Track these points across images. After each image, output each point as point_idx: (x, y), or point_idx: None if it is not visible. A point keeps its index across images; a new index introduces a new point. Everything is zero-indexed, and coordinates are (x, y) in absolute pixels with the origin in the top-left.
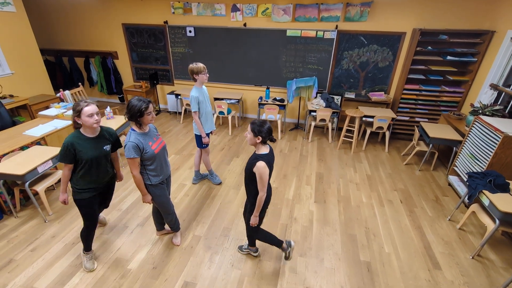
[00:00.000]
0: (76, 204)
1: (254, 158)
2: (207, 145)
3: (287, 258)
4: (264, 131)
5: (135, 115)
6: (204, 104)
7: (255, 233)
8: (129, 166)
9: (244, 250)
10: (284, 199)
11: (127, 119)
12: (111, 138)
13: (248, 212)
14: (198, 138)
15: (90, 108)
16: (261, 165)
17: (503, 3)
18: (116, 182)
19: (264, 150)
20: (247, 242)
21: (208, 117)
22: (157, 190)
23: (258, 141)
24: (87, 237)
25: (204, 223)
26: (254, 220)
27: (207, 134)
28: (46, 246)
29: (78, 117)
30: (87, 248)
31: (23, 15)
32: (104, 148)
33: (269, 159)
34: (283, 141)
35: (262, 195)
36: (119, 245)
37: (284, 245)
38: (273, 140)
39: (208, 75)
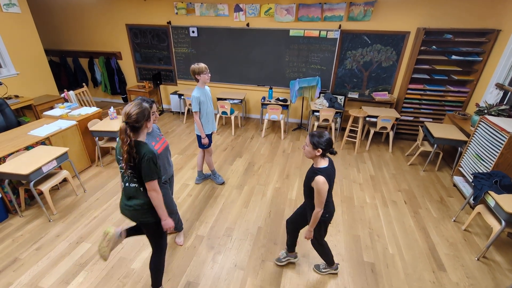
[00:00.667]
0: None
1: (313, 172)
2: (209, 145)
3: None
4: (323, 143)
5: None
6: (206, 105)
7: (319, 246)
8: None
9: (323, 271)
10: (287, 199)
11: None
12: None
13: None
14: (199, 138)
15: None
16: (320, 181)
17: (509, 2)
18: None
19: (323, 163)
20: (323, 262)
21: (209, 117)
22: (161, 189)
23: (318, 154)
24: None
25: (207, 223)
26: (308, 234)
27: (209, 135)
28: (50, 245)
29: (148, 121)
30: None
31: (28, 16)
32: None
33: (329, 172)
34: (286, 141)
35: (318, 211)
36: (122, 244)
37: (334, 265)
38: (333, 153)
39: (210, 75)
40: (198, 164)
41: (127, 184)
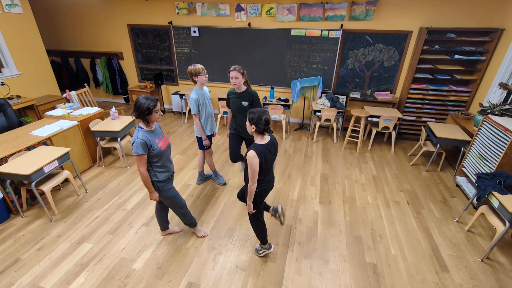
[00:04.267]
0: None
1: (250, 147)
2: (209, 147)
3: (281, 223)
4: (257, 120)
5: (144, 113)
6: (205, 106)
7: (255, 223)
8: (137, 163)
9: (260, 252)
10: (288, 199)
11: (134, 117)
12: None
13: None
14: (200, 140)
15: (232, 73)
16: (250, 155)
17: None
18: None
19: (260, 140)
20: (259, 243)
21: (209, 119)
22: (166, 184)
23: (253, 130)
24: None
25: (208, 223)
26: (248, 208)
27: (209, 136)
28: (52, 245)
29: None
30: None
31: (30, 16)
32: None
33: (261, 149)
34: (288, 141)
35: (250, 185)
36: (123, 244)
37: (267, 245)
38: (269, 131)
39: (207, 75)
40: (198, 165)
41: None
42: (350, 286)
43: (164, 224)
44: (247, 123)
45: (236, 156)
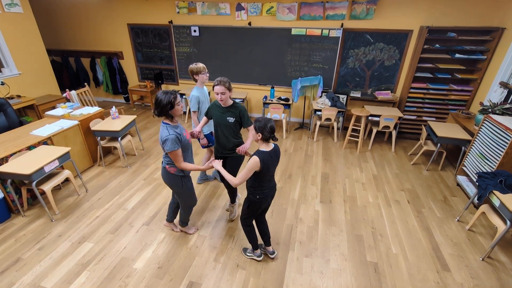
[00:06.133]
0: None
1: (254, 152)
2: (208, 145)
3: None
4: (263, 128)
5: (166, 108)
6: (205, 105)
7: (246, 227)
8: (175, 159)
9: (247, 253)
10: (289, 199)
11: (156, 116)
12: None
13: (244, 203)
14: (207, 136)
15: (216, 88)
16: (253, 160)
17: None
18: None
19: (264, 147)
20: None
21: None
22: (188, 182)
23: (258, 138)
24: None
25: (209, 223)
26: (218, 171)
27: (208, 135)
28: (53, 245)
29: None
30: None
31: (30, 16)
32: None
33: (266, 157)
34: (288, 140)
35: (235, 183)
36: (124, 244)
37: (258, 252)
38: (274, 139)
39: (208, 75)
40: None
41: None
42: (351, 285)
43: (172, 216)
44: (253, 132)
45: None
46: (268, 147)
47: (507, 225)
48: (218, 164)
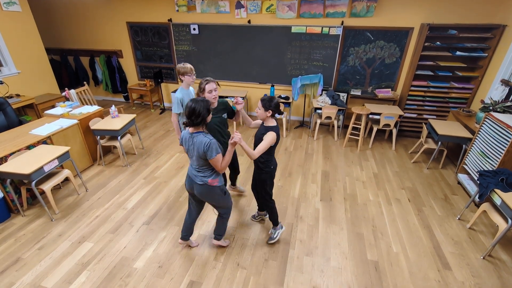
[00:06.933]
0: None
1: (265, 129)
2: None
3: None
4: (273, 105)
5: (205, 116)
6: None
7: (269, 204)
8: (217, 164)
9: (274, 236)
10: (289, 197)
11: (192, 126)
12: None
13: (258, 182)
14: None
15: (210, 85)
16: (272, 135)
17: None
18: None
19: (272, 123)
20: (271, 231)
21: None
22: (225, 188)
23: (268, 115)
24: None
25: (209, 222)
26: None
27: None
28: (53, 244)
29: (202, 93)
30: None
31: (28, 14)
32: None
33: (277, 130)
34: (288, 139)
35: (254, 156)
36: (124, 243)
37: (279, 225)
38: (280, 113)
39: (195, 77)
40: None
41: None
42: (351, 284)
43: (189, 234)
44: (261, 111)
45: None
46: (274, 122)
47: (508, 224)
48: (239, 137)
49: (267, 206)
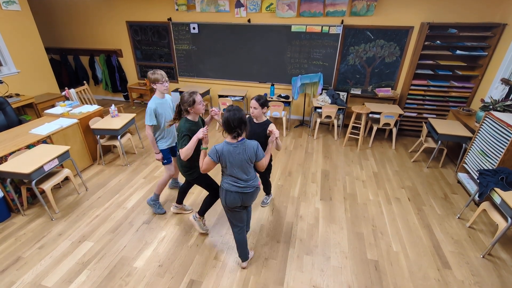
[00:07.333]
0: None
1: (265, 124)
2: (168, 162)
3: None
4: (266, 101)
5: (245, 122)
6: (164, 117)
7: (268, 178)
8: (265, 162)
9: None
10: (289, 196)
11: (231, 134)
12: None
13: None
14: (164, 152)
15: (199, 97)
16: (274, 125)
17: None
18: None
19: (265, 117)
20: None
21: (170, 131)
22: None
23: (264, 111)
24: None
25: (209, 221)
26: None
27: (166, 150)
28: (53, 244)
29: (192, 107)
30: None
31: (28, 13)
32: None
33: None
34: (288, 138)
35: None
36: (124, 243)
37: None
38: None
39: (168, 84)
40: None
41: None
42: (351, 283)
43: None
44: (258, 109)
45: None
46: (264, 117)
47: (508, 222)
48: (278, 132)
49: (266, 178)
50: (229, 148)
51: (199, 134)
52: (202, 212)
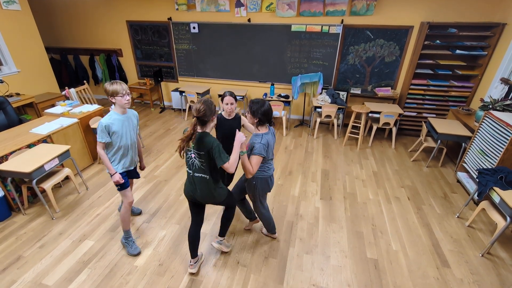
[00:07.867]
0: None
1: (236, 118)
2: (125, 186)
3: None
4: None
5: (271, 115)
6: (120, 137)
7: (262, 212)
8: (259, 164)
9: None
10: (289, 196)
11: (262, 124)
12: None
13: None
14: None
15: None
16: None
17: None
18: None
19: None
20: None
21: (127, 151)
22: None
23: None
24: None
25: (209, 220)
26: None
27: (122, 174)
28: (53, 243)
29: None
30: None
31: (28, 13)
32: None
33: (269, 138)
34: (288, 137)
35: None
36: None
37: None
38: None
39: (129, 97)
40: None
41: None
42: (351, 282)
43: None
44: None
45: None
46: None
47: (507, 221)
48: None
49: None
50: (269, 137)
51: (241, 138)
52: (224, 233)
